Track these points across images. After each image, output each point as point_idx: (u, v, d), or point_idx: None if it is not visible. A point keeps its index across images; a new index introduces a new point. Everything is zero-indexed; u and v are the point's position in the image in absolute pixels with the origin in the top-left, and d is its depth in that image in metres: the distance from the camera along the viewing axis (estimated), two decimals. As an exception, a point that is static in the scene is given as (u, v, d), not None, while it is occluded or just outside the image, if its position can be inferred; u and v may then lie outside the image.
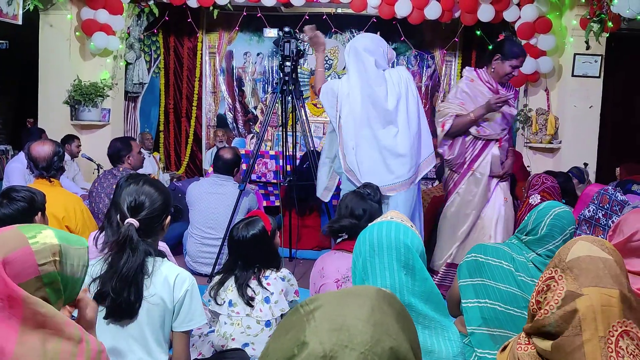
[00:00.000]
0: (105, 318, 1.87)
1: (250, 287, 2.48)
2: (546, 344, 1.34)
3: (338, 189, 5.39)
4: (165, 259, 1.98)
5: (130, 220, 1.88)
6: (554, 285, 1.34)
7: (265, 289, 2.48)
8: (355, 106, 3.30)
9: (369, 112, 3.26)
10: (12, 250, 1.18)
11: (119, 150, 3.92)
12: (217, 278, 2.58)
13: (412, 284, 1.50)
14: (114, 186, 3.77)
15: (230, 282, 2.50)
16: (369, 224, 1.66)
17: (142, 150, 4.04)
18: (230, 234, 2.57)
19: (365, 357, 0.68)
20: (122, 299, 1.83)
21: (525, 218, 2.27)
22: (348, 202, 2.62)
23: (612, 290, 1.29)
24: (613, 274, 1.31)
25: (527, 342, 1.43)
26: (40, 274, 1.21)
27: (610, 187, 3.27)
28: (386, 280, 1.49)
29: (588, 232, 3.16)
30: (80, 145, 5.70)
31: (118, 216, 1.94)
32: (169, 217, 2.02)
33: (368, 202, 2.62)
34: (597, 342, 1.26)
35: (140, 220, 1.89)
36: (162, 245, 2.65)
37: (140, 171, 3.98)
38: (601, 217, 3.10)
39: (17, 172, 4.63)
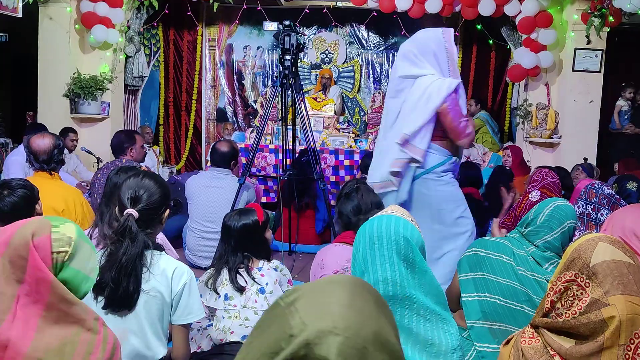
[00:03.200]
0: (104, 308, 1.88)
1: (241, 275, 2.51)
2: (565, 342, 1.34)
3: (338, 187, 5.40)
4: (164, 252, 2.00)
5: (129, 210, 1.90)
6: (577, 290, 1.34)
7: (258, 281, 2.50)
8: None
9: None
10: (39, 235, 1.25)
11: (122, 142, 3.95)
12: (208, 272, 2.59)
13: (412, 277, 1.50)
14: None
15: (224, 275, 2.51)
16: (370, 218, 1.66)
17: (144, 145, 4.07)
18: (223, 221, 2.62)
19: (350, 342, 0.67)
20: (121, 289, 1.85)
21: (527, 213, 2.28)
22: (365, 197, 2.58)
23: (637, 298, 1.28)
24: (637, 279, 1.30)
25: (531, 336, 1.43)
26: (53, 262, 1.26)
27: (597, 182, 3.26)
28: (386, 272, 1.49)
29: (582, 228, 3.17)
30: (75, 140, 5.63)
31: (117, 209, 1.96)
32: (167, 211, 2.05)
33: (377, 195, 2.66)
34: (615, 350, 1.26)
35: (139, 211, 1.91)
36: (160, 237, 2.67)
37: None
38: (591, 211, 3.12)
39: (18, 165, 4.63)
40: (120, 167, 2.86)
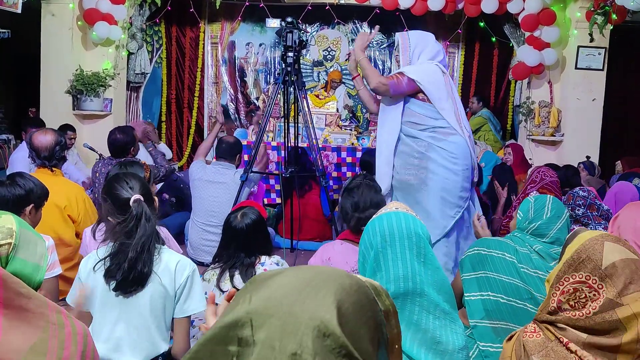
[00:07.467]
0: (115, 290, 1.90)
1: (245, 275, 2.49)
2: (581, 336, 1.38)
3: (340, 182, 5.40)
4: (165, 246, 2.02)
5: (136, 196, 1.94)
6: (588, 292, 1.37)
7: None
8: None
9: None
10: None
11: (127, 143, 3.95)
12: (211, 272, 2.57)
13: (424, 273, 1.50)
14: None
15: (227, 276, 2.50)
16: (375, 215, 1.66)
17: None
18: (228, 224, 2.55)
19: (286, 327, 0.66)
20: (135, 270, 1.88)
21: (521, 214, 2.26)
22: (365, 195, 2.58)
23: None
24: None
25: (532, 331, 1.46)
26: None
27: (577, 188, 3.46)
28: (399, 270, 1.49)
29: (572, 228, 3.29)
30: (73, 138, 5.59)
31: (115, 204, 2.00)
32: (156, 201, 2.13)
33: (380, 194, 2.65)
34: (634, 346, 1.31)
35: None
36: (164, 233, 2.69)
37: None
38: (571, 212, 3.26)
39: (23, 161, 4.63)
40: (122, 163, 2.88)
